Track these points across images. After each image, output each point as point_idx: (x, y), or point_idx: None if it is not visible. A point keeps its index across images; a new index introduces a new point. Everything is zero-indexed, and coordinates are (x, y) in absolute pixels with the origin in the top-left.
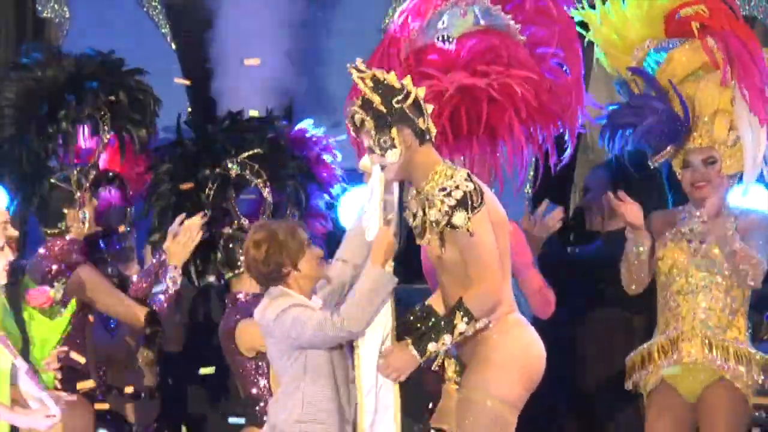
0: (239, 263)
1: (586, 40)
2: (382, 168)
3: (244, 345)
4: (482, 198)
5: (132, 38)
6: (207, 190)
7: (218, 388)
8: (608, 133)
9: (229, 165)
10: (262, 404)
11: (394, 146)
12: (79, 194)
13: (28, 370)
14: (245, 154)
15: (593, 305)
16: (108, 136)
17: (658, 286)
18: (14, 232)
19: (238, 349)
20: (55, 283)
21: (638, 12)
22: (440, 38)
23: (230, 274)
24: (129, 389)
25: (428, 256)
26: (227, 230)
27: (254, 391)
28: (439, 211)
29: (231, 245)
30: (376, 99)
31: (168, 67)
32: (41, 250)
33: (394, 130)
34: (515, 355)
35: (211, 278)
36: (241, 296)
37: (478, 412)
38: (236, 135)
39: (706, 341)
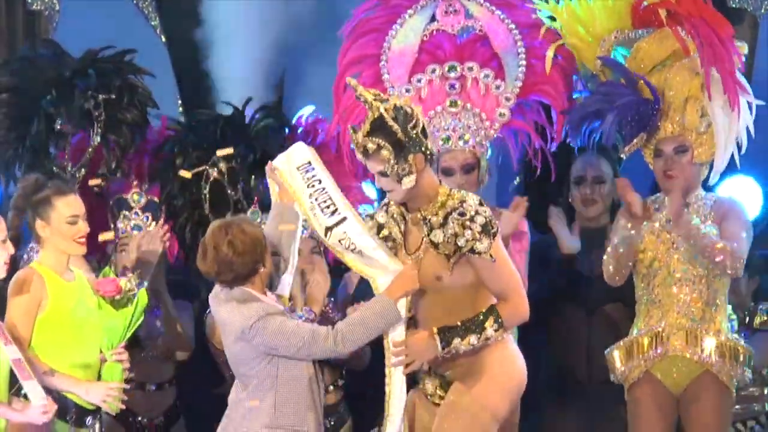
0: None
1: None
2: (389, 191)
3: (209, 334)
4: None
5: (121, 30)
6: (203, 180)
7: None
8: (575, 123)
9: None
10: None
11: (411, 173)
12: None
13: (17, 360)
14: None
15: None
16: (98, 139)
17: (637, 277)
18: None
19: (208, 339)
20: (129, 274)
21: (604, 4)
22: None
23: None
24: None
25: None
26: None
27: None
28: (456, 235)
29: None
30: (397, 128)
31: (157, 59)
32: (33, 243)
33: (410, 157)
34: (509, 373)
35: None
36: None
37: (469, 420)
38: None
39: (691, 334)
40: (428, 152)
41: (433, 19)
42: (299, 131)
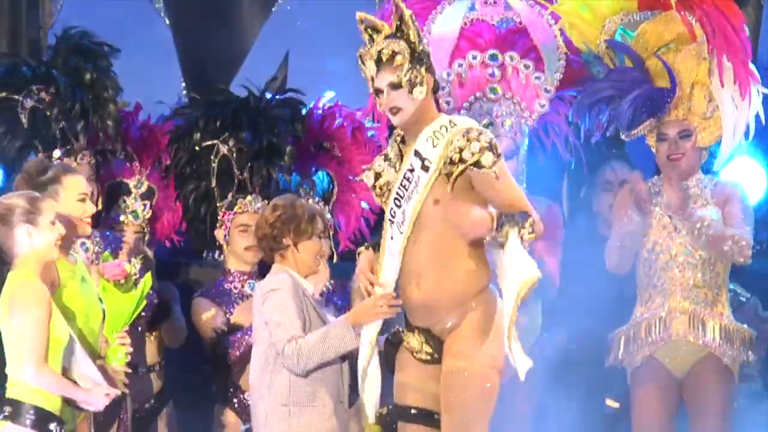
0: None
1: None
2: (395, 112)
3: (192, 319)
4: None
5: (125, 12)
6: (213, 155)
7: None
8: (584, 107)
9: (229, 140)
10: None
11: (422, 83)
12: None
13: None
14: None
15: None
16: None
17: (638, 262)
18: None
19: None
20: (132, 258)
21: None
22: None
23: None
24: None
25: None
26: (220, 204)
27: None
28: (461, 149)
29: (216, 219)
30: (413, 33)
31: (161, 41)
32: None
33: (423, 69)
34: (499, 324)
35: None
36: (226, 272)
37: (478, 381)
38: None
39: (695, 318)
40: (435, 78)
41: (472, 8)
42: (317, 114)
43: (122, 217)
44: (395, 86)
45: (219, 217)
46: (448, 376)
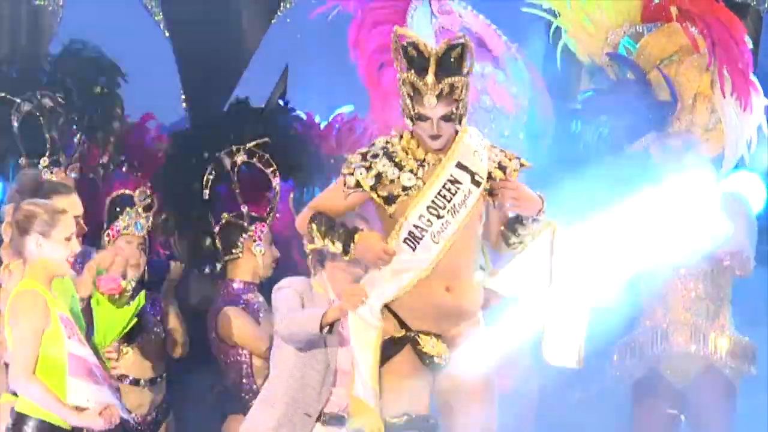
0: (235, 248)
1: (554, 26)
2: (437, 138)
3: (223, 331)
4: None
5: (125, 26)
6: (206, 175)
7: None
8: (587, 120)
9: (236, 152)
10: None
11: (466, 114)
12: None
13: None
14: (253, 143)
15: None
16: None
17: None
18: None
19: (219, 336)
20: (129, 274)
21: None
22: None
23: (227, 258)
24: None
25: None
26: (225, 216)
27: (244, 381)
28: (503, 166)
29: (228, 230)
30: (471, 67)
31: (161, 54)
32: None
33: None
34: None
35: (208, 267)
36: (234, 284)
37: (495, 386)
38: (242, 122)
39: (697, 330)
40: None
41: (434, 15)
42: (336, 128)
43: (125, 229)
44: (447, 119)
45: (251, 229)
46: (479, 380)
